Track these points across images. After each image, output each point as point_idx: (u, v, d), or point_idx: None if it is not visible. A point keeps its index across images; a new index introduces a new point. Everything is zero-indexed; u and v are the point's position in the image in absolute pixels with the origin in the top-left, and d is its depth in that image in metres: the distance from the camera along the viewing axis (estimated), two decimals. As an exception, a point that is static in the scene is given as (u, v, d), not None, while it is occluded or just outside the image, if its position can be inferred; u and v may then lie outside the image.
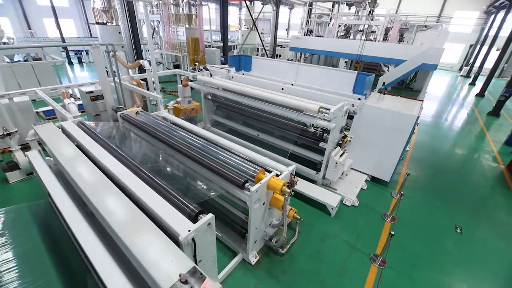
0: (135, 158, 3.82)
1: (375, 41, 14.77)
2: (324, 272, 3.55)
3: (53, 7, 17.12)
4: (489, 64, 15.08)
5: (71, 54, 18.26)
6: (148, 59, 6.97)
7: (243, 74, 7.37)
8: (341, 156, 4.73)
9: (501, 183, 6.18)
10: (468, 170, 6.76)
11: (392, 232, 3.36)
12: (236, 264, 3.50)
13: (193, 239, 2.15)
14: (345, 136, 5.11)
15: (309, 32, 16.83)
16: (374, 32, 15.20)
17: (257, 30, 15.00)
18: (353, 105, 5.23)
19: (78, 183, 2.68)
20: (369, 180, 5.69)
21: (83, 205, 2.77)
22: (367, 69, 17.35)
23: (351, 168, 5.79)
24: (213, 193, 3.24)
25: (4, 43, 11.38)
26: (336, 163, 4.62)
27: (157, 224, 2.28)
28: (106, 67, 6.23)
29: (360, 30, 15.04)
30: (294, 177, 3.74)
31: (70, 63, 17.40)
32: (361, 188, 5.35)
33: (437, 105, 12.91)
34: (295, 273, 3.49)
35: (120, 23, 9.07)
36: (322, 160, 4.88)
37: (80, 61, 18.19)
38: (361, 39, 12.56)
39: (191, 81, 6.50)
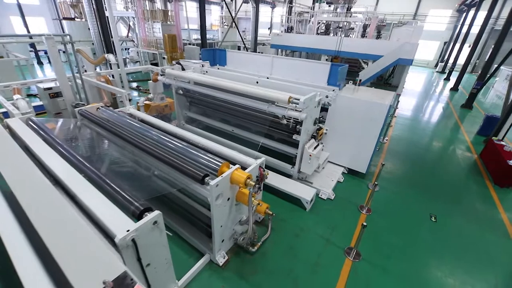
0: (90, 155, 3.49)
1: (354, 37, 14.95)
2: (297, 269, 3.36)
3: (18, 4, 16.06)
4: (462, 60, 15.66)
5: (41, 53, 17.22)
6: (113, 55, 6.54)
7: (218, 68, 7.12)
8: (315, 148, 4.59)
9: (474, 171, 6.30)
10: (443, 160, 6.86)
11: (364, 223, 3.24)
12: (203, 265, 3.25)
13: (133, 240, 1.89)
14: (320, 128, 4.99)
15: (289, 30, 16.79)
16: (352, 29, 15.39)
17: (237, 27, 14.77)
18: (327, 96, 5.13)
19: (10, 184, 2.34)
20: (346, 172, 5.61)
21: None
22: (349, 66, 17.59)
23: (328, 161, 5.69)
24: (172, 189, 2.98)
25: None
26: (310, 155, 4.47)
27: (98, 225, 2.01)
28: (81, 66, 5.77)
29: (339, 27, 15.17)
30: (264, 170, 3.55)
31: (40, 63, 16.39)
32: (338, 181, 5.25)
33: (415, 100, 13.21)
34: (266, 272, 3.28)
35: (88, 19, 8.55)
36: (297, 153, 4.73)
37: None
38: (339, 36, 12.66)
39: (162, 75, 6.15)
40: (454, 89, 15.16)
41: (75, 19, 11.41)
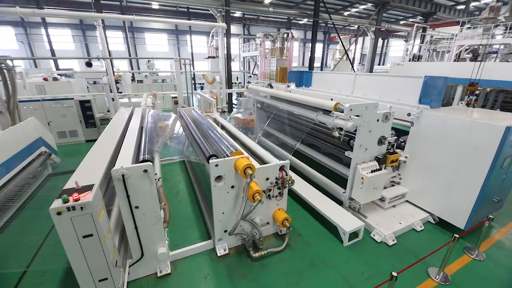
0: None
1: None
2: (295, 300, 2.73)
3: (191, 54, 24.07)
4: None
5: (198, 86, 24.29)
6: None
7: (303, 88, 7.32)
8: (372, 172, 3.68)
9: None
10: None
11: (395, 274, 2.23)
12: (203, 248, 3.31)
13: (123, 176, 2.35)
14: (393, 153, 3.99)
15: (417, 58, 14.52)
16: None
17: (349, 59, 14.54)
18: (409, 114, 4.09)
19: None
20: (434, 222, 3.98)
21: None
22: (508, 103, 12.61)
23: (407, 201, 4.30)
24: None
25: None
26: (363, 178, 3.62)
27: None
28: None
29: (493, 52, 11.52)
30: (287, 175, 3.31)
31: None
32: (412, 228, 3.83)
33: None
34: (253, 284, 2.86)
35: (219, 58, 11.39)
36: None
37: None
38: (480, 62, 9.47)
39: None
40: None
41: (215, 57, 15.54)
